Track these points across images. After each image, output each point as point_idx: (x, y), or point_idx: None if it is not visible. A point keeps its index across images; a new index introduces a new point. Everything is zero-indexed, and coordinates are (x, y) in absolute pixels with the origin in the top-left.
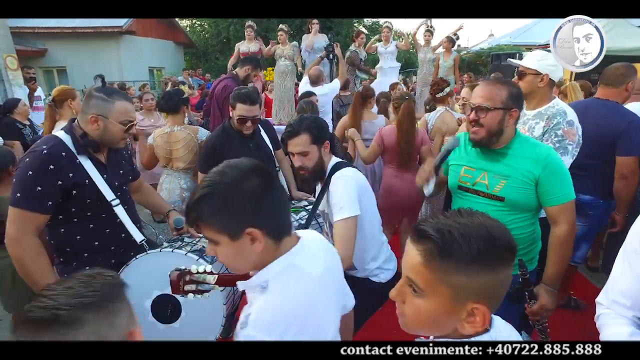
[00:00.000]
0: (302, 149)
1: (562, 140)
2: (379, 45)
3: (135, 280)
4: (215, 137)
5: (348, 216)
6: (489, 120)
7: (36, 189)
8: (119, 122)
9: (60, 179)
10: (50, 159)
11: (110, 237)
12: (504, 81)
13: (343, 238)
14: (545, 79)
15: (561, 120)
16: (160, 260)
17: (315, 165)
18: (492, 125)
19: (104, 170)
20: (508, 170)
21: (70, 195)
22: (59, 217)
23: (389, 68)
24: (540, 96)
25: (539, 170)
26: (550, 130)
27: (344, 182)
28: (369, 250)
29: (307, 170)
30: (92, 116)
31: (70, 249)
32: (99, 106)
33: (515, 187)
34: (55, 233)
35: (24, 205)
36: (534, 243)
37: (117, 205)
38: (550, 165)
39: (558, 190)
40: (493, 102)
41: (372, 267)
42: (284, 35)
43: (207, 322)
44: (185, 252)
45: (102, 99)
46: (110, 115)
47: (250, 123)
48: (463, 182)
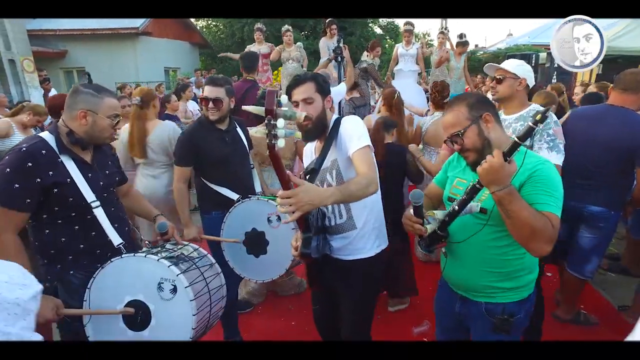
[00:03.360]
0: (307, 96)
1: (554, 139)
2: (399, 46)
3: (108, 284)
4: (192, 130)
5: (366, 144)
6: (469, 140)
7: (14, 186)
8: (107, 117)
9: (39, 177)
10: (29, 157)
11: (95, 240)
12: (457, 99)
13: (369, 162)
14: (524, 82)
15: (549, 120)
16: (133, 264)
17: (319, 116)
18: (474, 143)
19: (88, 170)
20: None
21: (51, 193)
22: (44, 216)
23: (410, 71)
24: (519, 100)
25: (523, 178)
26: (542, 131)
27: (355, 119)
28: (371, 200)
29: (310, 119)
30: (81, 111)
31: (54, 251)
32: (88, 101)
33: None
34: (40, 234)
35: (2, 202)
36: (525, 269)
37: (97, 207)
38: (537, 174)
39: (538, 198)
40: (459, 124)
41: (369, 226)
42: (291, 36)
43: (174, 333)
44: (158, 258)
45: (91, 94)
46: (99, 110)
47: (212, 104)
48: (453, 193)
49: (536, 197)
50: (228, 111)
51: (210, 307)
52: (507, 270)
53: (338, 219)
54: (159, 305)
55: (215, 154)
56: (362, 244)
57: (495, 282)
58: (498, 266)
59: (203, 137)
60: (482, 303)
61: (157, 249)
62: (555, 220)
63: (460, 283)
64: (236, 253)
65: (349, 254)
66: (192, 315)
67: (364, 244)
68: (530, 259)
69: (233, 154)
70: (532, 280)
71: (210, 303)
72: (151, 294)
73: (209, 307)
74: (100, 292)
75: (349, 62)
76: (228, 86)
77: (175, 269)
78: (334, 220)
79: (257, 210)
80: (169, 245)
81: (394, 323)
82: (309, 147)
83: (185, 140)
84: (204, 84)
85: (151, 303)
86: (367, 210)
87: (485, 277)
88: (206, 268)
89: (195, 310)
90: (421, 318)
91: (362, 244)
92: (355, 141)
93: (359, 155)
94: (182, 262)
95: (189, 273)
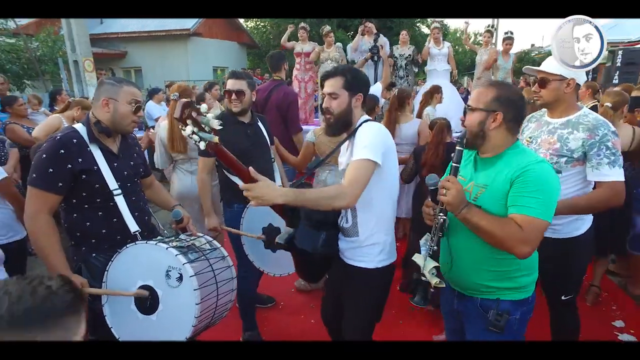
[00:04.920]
0: (332, 90)
1: (615, 152)
2: (431, 46)
3: (123, 268)
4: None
5: (367, 158)
6: (469, 121)
7: (48, 171)
8: (127, 103)
9: (70, 163)
10: (61, 145)
11: (116, 226)
12: (499, 83)
13: (355, 175)
14: (572, 83)
15: (607, 131)
16: (145, 251)
17: (341, 112)
18: (471, 126)
19: (114, 159)
20: (488, 179)
21: (80, 179)
22: (73, 201)
23: (443, 71)
24: (567, 103)
25: (512, 176)
26: (600, 143)
27: (374, 128)
28: (379, 214)
29: (332, 114)
30: (104, 99)
31: (80, 234)
32: (109, 90)
33: (491, 198)
34: (70, 217)
35: (38, 184)
36: (522, 271)
37: (118, 195)
38: (527, 174)
39: (519, 200)
40: (479, 101)
41: (373, 239)
42: (332, 37)
43: (179, 320)
44: (167, 247)
45: (112, 84)
46: (118, 96)
47: (235, 96)
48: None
49: (517, 199)
50: (250, 104)
51: (217, 298)
52: (503, 269)
53: (344, 222)
54: (167, 292)
55: (237, 147)
56: (364, 253)
57: (490, 280)
58: (492, 265)
59: (225, 130)
60: (477, 299)
61: (170, 239)
62: (529, 223)
63: (457, 280)
64: (255, 247)
65: (351, 258)
66: (195, 304)
67: (366, 254)
68: (526, 260)
69: (254, 147)
70: (531, 282)
71: (217, 294)
72: (160, 281)
73: (215, 298)
74: (117, 275)
75: (385, 62)
76: (249, 80)
77: (182, 258)
78: (342, 222)
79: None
80: (183, 235)
81: (416, 329)
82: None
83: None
84: (227, 78)
85: (159, 289)
86: (373, 222)
87: (480, 275)
88: (216, 260)
89: (199, 300)
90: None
91: (363, 253)
92: (359, 150)
93: (353, 166)
94: (192, 253)
95: (196, 263)
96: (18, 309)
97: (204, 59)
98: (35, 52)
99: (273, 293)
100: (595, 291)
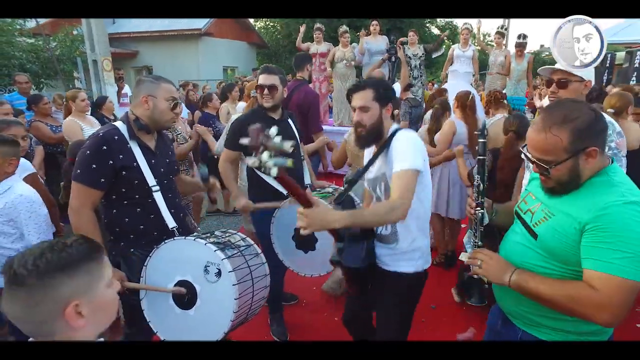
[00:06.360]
0: (363, 104)
1: (618, 153)
2: (456, 47)
3: (161, 264)
4: (245, 117)
5: (411, 168)
6: (556, 173)
7: (92, 167)
8: (165, 100)
9: (112, 159)
10: (104, 141)
11: (154, 222)
12: (561, 119)
13: (403, 186)
14: (589, 85)
15: (611, 132)
16: (184, 247)
17: (373, 124)
18: (561, 177)
19: (152, 156)
20: (558, 208)
21: (120, 175)
22: (113, 197)
23: (465, 73)
24: None
25: (588, 218)
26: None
27: (411, 138)
28: (418, 218)
29: (364, 127)
30: (143, 97)
31: (119, 229)
32: (148, 87)
33: (554, 229)
34: (109, 213)
35: (82, 180)
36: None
37: (157, 191)
38: (606, 218)
39: (595, 252)
40: (553, 153)
41: (415, 245)
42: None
43: (217, 315)
44: (206, 243)
45: (150, 81)
46: (157, 94)
47: (267, 91)
48: (520, 208)
49: (592, 251)
50: (281, 100)
51: (252, 294)
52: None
53: (383, 230)
54: (205, 287)
55: None
56: (403, 259)
57: (533, 314)
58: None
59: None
60: (520, 330)
61: (207, 235)
62: (607, 281)
63: (501, 302)
64: (286, 245)
65: (389, 264)
66: (233, 299)
67: (405, 259)
68: None
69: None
70: (592, 331)
71: (252, 290)
72: (198, 276)
73: (251, 294)
74: (155, 271)
75: (403, 63)
76: (282, 75)
77: (220, 254)
78: (380, 230)
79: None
80: (218, 232)
81: (440, 328)
82: (368, 150)
83: (237, 126)
84: (259, 73)
85: (198, 284)
86: (413, 227)
87: (522, 304)
88: (251, 257)
89: (237, 295)
90: (469, 325)
91: (402, 259)
92: (400, 162)
93: (398, 177)
94: (229, 249)
95: (233, 259)
96: (42, 263)
97: (215, 58)
98: (54, 52)
99: (295, 290)
100: None
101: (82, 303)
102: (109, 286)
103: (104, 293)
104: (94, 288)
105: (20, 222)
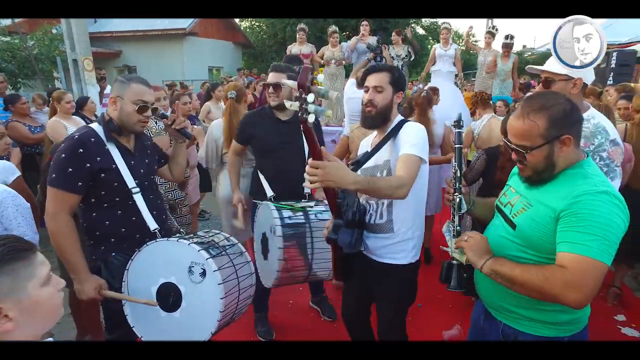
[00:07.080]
0: (379, 83)
1: (610, 163)
2: (437, 47)
3: (144, 266)
4: (252, 113)
5: (419, 155)
6: (532, 158)
7: (68, 170)
8: (132, 102)
9: (89, 162)
10: (80, 144)
11: (135, 225)
12: (540, 107)
13: (409, 168)
14: (579, 83)
15: (603, 140)
16: (166, 248)
17: (384, 106)
18: (537, 163)
19: (131, 157)
20: (536, 198)
21: (98, 178)
22: (92, 200)
23: (447, 72)
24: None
25: (563, 206)
26: (593, 153)
27: (422, 130)
28: (415, 209)
29: (375, 107)
30: (112, 97)
31: (99, 233)
32: (117, 88)
33: (532, 219)
34: (88, 216)
35: (58, 184)
36: (556, 305)
37: (137, 192)
38: (579, 204)
39: (568, 235)
40: (530, 138)
41: (409, 234)
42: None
43: (203, 315)
44: (189, 243)
45: (122, 82)
46: (125, 95)
47: (272, 89)
48: (500, 201)
49: (566, 235)
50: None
51: (238, 293)
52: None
53: (378, 219)
54: (190, 288)
55: (267, 142)
56: (398, 250)
57: (514, 306)
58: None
59: (259, 123)
60: (501, 323)
61: (190, 236)
62: (579, 262)
63: (483, 296)
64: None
65: (383, 256)
66: (219, 298)
67: (399, 250)
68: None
69: (287, 146)
70: (568, 321)
71: (238, 289)
72: (182, 277)
73: (237, 293)
74: (137, 274)
75: (388, 62)
76: (291, 74)
77: (204, 254)
78: (373, 219)
79: (268, 216)
80: (201, 232)
81: (425, 325)
82: (365, 141)
83: (243, 121)
84: (269, 72)
85: (182, 285)
86: (408, 218)
87: (504, 297)
88: (235, 255)
89: (223, 294)
90: (453, 322)
91: (397, 249)
92: (409, 147)
93: (405, 159)
94: (212, 248)
95: (218, 258)
96: None
97: (200, 58)
98: (32, 51)
99: (283, 291)
100: (616, 291)
101: (7, 306)
102: (45, 284)
103: (38, 293)
104: (22, 289)
105: (9, 216)
